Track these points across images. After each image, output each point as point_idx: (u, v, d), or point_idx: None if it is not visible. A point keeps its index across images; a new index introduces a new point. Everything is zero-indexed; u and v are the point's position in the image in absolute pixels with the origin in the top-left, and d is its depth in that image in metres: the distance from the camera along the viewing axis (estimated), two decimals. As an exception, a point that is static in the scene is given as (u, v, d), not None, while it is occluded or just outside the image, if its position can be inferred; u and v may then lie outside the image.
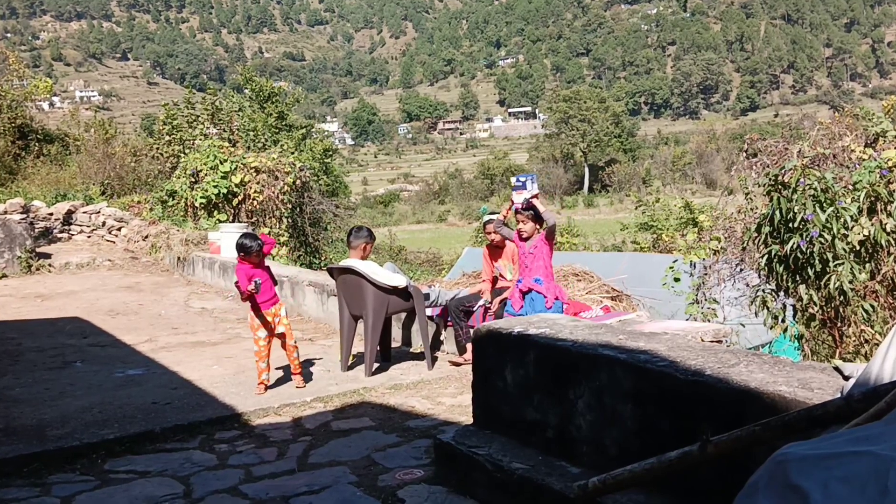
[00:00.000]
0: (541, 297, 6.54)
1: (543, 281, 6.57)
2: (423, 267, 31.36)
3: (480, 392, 4.72)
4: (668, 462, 2.88)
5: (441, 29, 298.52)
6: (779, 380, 3.15)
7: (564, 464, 3.99)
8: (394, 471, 4.89)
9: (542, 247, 6.64)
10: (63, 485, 4.97)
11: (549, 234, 6.64)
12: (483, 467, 4.23)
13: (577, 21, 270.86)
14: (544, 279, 6.59)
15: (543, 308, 6.43)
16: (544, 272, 6.61)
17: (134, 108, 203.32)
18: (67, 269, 15.22)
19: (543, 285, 6.56)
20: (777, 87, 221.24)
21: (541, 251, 6.63)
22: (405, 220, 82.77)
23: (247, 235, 6.69)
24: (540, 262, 6.62)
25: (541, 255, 6.62)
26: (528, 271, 6.64)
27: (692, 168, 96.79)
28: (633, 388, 3.61)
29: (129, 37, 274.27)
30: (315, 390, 6.72)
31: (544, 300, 6.51)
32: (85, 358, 8.28)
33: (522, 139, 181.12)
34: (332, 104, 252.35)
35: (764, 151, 9.13)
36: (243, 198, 16.73)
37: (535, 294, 6.57)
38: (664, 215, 26.96)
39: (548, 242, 6.67)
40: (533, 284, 6.59)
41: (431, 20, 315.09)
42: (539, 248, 6.63)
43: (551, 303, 6.51)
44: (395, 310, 7.46)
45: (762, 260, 7.45)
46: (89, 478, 5.06)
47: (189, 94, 24.99)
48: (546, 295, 6.53)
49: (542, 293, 6.54)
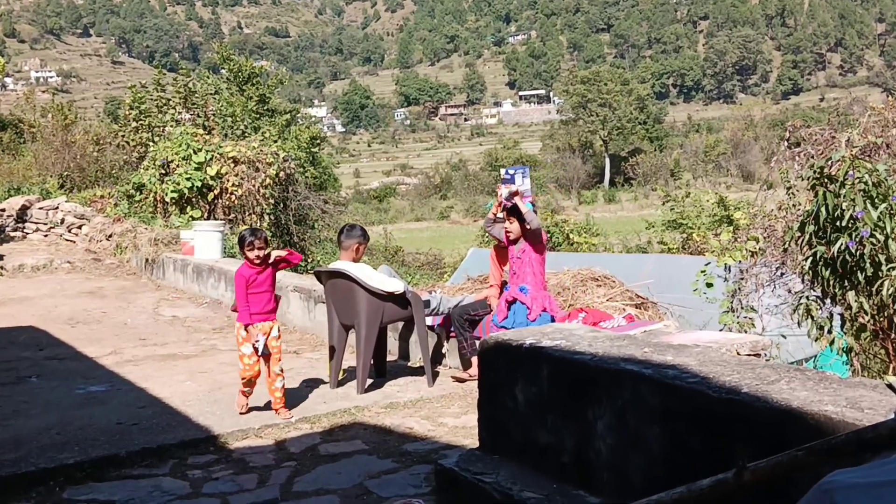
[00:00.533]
0: (524, 308, 6.55)
1: (530, 290, 6.59)
2: (422, 270, 31.41)
3: (487, 411, 4.72)
4: (699, 491, 2.88)
5: (443, 1, 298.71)
6: (824, 398, 3.15)
7: (582, 493, 3.99)
8: (390, 500, 4.90)
9: (530, 251, 6.68)
10: (16, 515, 4.98)
11: (534, 238, 6.64)
12: (490, 496, 4.23)
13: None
14: (531, 288, 6.61)
15: (525, 320, 6.46)
16: (532, 280, 6.63)
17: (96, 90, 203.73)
18: (21, 272, 15.24)
19: (529, 295, 6.57)
20: (823, 68, 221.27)
21: (529, 256, 6.67)
22: (402, 217, 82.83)
23: (249, 229, 6.68)
24: (528, 268, 6.65)
25: (529, 261, 6.66)
26: (516, 278, 6.71)
27: (727, 159, 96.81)
28: (660, 407, 3.61)
29: (90, 10, 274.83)
30: (300, 410, 6.72)
31: (527, 312, 6.53)
32: (41, 372, 8.29)
33: (535, 126, 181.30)
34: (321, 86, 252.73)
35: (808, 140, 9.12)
36: (220, 192, 16.76)
37: (518, 304, 6.60)
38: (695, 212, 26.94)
39: (538, 246, 6.69)
40: (518, 293, 6.62)
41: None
42: (527, 253, 6.68)
43: (535, 314, 6.51)
44: (391, 319, 7.47)
45: (806, 263, 7.45)
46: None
47: (159, 74, 25.02)
48: (530, 306, 6.53)
49: (525, 303, 6.55)
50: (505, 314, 6.69)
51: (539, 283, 6.68)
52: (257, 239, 6.45)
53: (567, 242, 28.45)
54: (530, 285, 6.62)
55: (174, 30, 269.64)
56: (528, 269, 6.64)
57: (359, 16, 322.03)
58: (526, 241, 6.69)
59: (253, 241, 6.43)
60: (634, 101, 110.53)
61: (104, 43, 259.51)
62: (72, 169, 22.43)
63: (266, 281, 6.48)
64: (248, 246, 6.44)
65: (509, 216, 6.76)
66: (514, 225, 6.70)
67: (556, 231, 28.91)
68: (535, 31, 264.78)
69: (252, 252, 6.41)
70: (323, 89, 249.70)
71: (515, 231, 6.69)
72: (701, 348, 4.20)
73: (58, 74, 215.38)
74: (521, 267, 6.68)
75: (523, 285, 6.63)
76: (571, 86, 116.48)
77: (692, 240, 24.78)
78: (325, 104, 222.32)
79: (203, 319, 11.24)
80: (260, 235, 6.48)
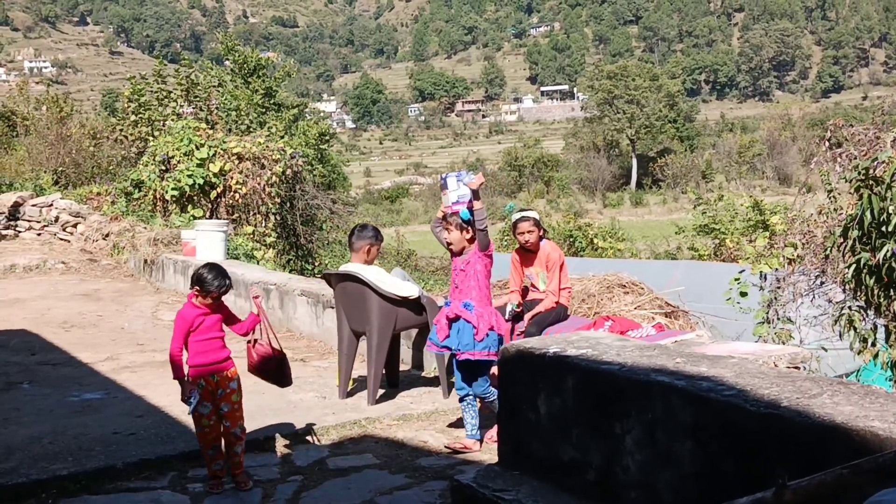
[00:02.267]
0: (469, 326, 6.19)
1: (475, 306, 6.23)
2: (436, 275, 31.40)
3: (507, 425, 4.71)
4: (735, 511, 2.87)
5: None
6: (870, 413, 3.13)
7: (608, 512, 3.98)
8: (402, 518, 4.90)
9: (475, 262, 6.32)
10: (7, 529, 5.01)
11: (482, 245, 6.29)
12: (510, 515, 4.23)
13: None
14: (476, 304, 6.24)
15: (471, 341, 6.15)
16: (478, 294, 6.27)
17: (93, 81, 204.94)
18: (13, 273, 15.32)
19: (474, 312, 6.21)
20: (866, 64, 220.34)
21: (474, 268, 6.30)
22: (415, 218, 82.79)
23: (213, 268, 5.53)
24: (473, 281, 6.29)
25: (474, 274, 6.30)
26: (458, 293, 6.33)
27: (762, 160, 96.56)
28: (694, 421, 3.59)
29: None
30: (308, 421, 6.73)
31: (472, 331, 6.18)
32: (34, 379, 8.33)
33: (557, 124, 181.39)
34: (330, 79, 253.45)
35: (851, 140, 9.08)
36: (223, 190, 16.81)
37: (462, 322, 6.23)
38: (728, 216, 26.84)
39: (484, 257, 6.34)
40: (461, 310, 6.23)
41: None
42: (472, 265, 6.31)
43: (482, 334, 6.17)
44: (404, 325, 7.47)
45: (849, 271, 7.41)
46: (38, 521, 5.09)
47: (159, 65, 25.14)
48: (476, 324, 6.17)
49: (470, 322, 6.19)
50: (446, 333, 6.27)
51: (485, 298, 6.32)
52: (223, 286, 5.47)
53: (591, 247, 28.41)
54: (475, 301, 6.23)
55: (176, 18, 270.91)
56: (473, 283, 6.26)
57: (371, 5, 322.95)
58: (475, 250, 6.32)
59: (218, 287, 5.44)
60: (664, 98, 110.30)
61: (102, 32, 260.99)
62: (67, 164, 22.55)
63: (216, 324, 5.54)
64: (208, 292, 5.43)
65: (449, 224, 6.41)
66: (455, 234, 6.33)
67: (580, 235, 28.89)
68: (559, 23, 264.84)
69: (207, 299, 5.46)
70: (332, 83, 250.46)
71: (457, 241, 6.32)
72: (737, 360, 4.19)
73: (53, 65, 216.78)
74: (464, 280, 6.29)
75: (468, 301, 6.23)
76: (597, 81, 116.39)
77: (725, 246, 24.72)
78: (335, 98, 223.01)
79: (204, 325, 11.27)
80: (227, 283, 5.48)
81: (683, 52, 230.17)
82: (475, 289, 6.26)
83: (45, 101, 27.37)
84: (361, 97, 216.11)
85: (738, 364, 4.01)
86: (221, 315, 5.61)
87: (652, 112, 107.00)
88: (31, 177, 21.25)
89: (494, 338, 6.22)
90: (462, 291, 6.29)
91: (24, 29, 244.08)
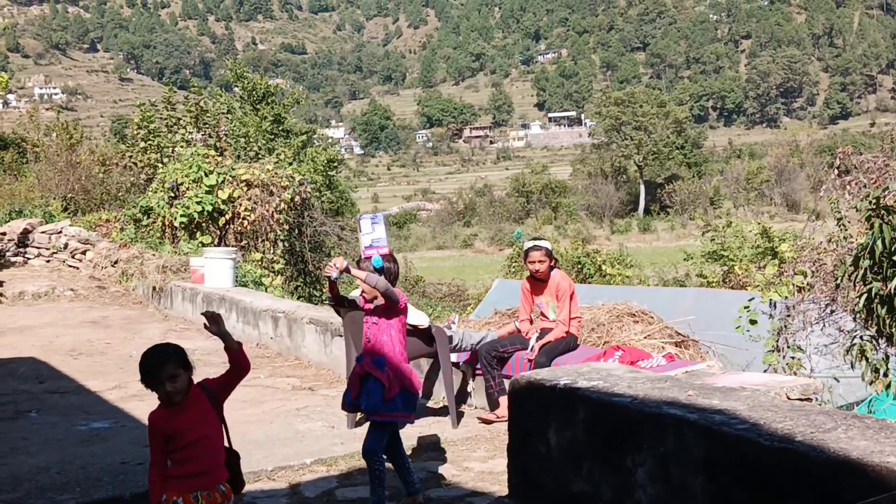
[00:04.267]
0: (378, 384, 5.53)
1: (387, 363, 5.60)
2: (444, 301, 31.37)
3: (518, 457, 4.69)
4: (750, 548, 2.84)
5: (469, 17, 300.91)
6: (886, 448, 3.11)
7: (620, 547, 3.95)
8: (411, 551, 4.86)
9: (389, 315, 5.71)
10: (14, 560, 4.98)
11: (390, 303, 5.63)
12: (521, 549, 4.20)
13: (633, 9, 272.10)
14: (389, 360, 5.63)
15: (380, 401, 5.50)
16: (391, 350, 5.66)
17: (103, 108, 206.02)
18: (22, 300, 15.35)
19: (386, 370, 5.57)
20: (874, 91, 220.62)
21: (385, 322, 5.68)
22: (423, 244, 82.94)
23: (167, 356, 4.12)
24: (385, 336, 5.67)
25: (387, 327, 5.68)
26: (371, 348, 5.71)
27: (770, 187, 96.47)
28: (706, 455, 3.57)
29: (98, 24, 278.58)
30: (316, 451, 6.70)
31: (382, 389, 5.52)
32: (41, 407, 8.32)
33: (565, 150, 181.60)
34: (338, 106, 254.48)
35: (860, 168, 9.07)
36: (231, 217, 16.84)
37: (373, 381, 5.57)
38: (737, 243, 26.80)
39: (391, 311, 5.70)
40: (372, 367, 5.60)
41: (457, 7, 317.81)
42: (383, 319, 5.70)
43: (393, 393, 5.52)
44: (413, 355, 7.44)
45: (860, 300, 7.38)
46: (45, 552, 5.07)
47: (169, 92, 25.26)
48: (387, 383, 5.53)
49: (381, 380, 5.53)
50: (357, 391, 5.66)
51: (399, 354, 5.68)
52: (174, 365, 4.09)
53: (599, 274, 28.36)
54: (388, 356, 5.63)
55: (185, 45, 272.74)
56: (386, 338, 5.65)
57: (379, 32, 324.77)
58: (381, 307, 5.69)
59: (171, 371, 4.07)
60: (671, 125, 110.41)
61: (112, 59, 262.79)
62: (76, 191, 22.60)
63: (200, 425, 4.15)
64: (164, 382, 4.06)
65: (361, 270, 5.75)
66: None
67: (588, 262, 28.84)
68: (566, 50, 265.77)
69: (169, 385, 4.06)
70: (341, 109, 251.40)
71: (370, 289, 5.62)
72: (749, 392, 4.17)
73: (63, 91, 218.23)
74: (377, 334, 5.68)
75: (380, 357, 5.62)
76: (604, 107, 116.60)
77: (734, 273, 24.64)
78: (343, 125, 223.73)
79: (213, 352, 11.23)
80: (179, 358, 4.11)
81: (691, 79, 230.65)
82: (388, 343, 5.66)
83: (55, 127, 27.49)
84: (369, 123, 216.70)
85: (750, 397, 3.99)
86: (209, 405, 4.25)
87: (660, 138, 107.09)
88: (41, 203, 21.31)
89: (408, 398, 5.63)
90: (375, 346, 5.67)
91: (34, 56, 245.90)
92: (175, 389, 4.04)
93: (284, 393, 8.86)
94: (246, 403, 8.33)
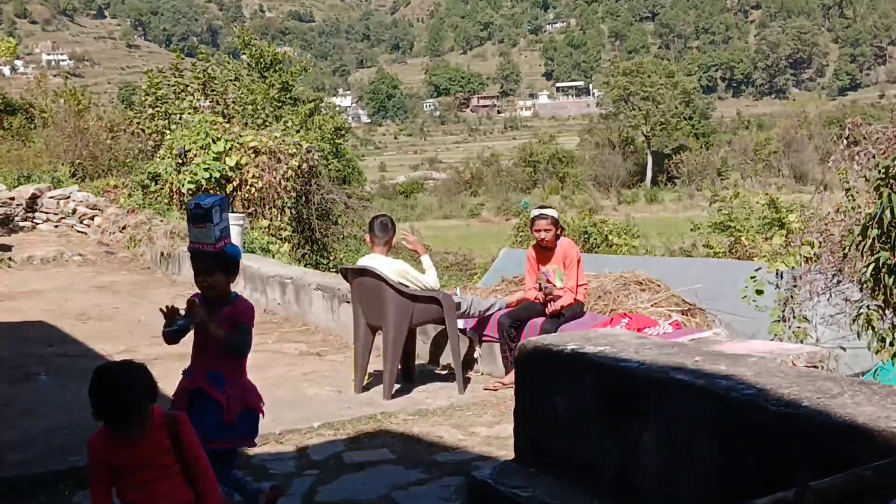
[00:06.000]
0: (215, 404, 4.51)
1: (226, 378, 4.59)
2: (451, 270, 31.43)
3: (525, 422, 4.70)
4: (756, 511, 2.85)
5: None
6: (892, 414, 3.11)
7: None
8: (418, 513, 4.90)
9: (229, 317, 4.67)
10: (25, 520, 5.03)
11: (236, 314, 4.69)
12: (527, 512, 4.21)
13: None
14: (228, 374, 4.62)
15: (217, 424, 4.46)
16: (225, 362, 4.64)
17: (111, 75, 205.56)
18: (31, 264, 15.38)
19: (225, 388, 4.56)
20: (883, 62, 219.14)
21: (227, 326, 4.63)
22: (430, 214, 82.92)
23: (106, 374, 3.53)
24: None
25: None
26: (204, 358, 4.64)
27: (778, 158, 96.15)
28: (713, 420, 3.58)
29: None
30: (323, 415, 6.74)
31: (220, 411, 4.51)
32: (51, 370, 8.36)
33: (573, 120, 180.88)
34: (346, 74, 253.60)
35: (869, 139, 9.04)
36: (239, 184, 16.82)
37: (206, 399, 4.54)
38: (744, 214, 26.79)
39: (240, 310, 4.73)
40: (205, 382, 4.56)
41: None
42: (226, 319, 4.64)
43: (233, 415, 4.53)
44: (420, 321, 7.46)
45: (867, 270, 7.38)
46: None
47: (176, 59, 25.18)
48: (225, 403, 4.52)
49: (219, 399, 4.52)
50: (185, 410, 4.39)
51: (241, 365, 4.72)
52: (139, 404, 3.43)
53: (606, 244, 28.37)
54: (226, 370, 4.61)
55: (193, 12, 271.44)
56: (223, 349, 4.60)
57: (387, 0, 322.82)
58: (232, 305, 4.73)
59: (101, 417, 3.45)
60: (680, 95, 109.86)
61: (119, 25, 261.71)
62: (84, 157, 22.60)
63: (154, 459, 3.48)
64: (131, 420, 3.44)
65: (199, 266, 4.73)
66: (220, 276, 4.70)
67: (595, 232, 28.85)
68: (575, 19, 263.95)
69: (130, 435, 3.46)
70: (348, 77, 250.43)
71: (219, 285, 4.72)
72: (756, 358, 4.17)
73: (70, 58, 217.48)
74: (215, 344, 4.58)
75: (215, 371, 4.57)
76: (612, 78, 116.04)
77: (740, 244, 24.64)
78: (351, 93, 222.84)
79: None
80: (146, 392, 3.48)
81: (700, 49, 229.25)
82: (223, 354, 4.62)
83: (63, 93, 27.45)
84: (377, 92, 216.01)
85: (757, 363, 3.99)
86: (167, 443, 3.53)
87: (667, 109, 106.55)
88: (49, 169, 21.31)
89: (252, 416, 4.71)
90: (209, 356, 4.61)
91: (42, 22, 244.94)
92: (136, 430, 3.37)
93: (292, 358, 8.89)
94: (254, 368, 8.26)
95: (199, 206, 4.66)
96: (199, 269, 4.69)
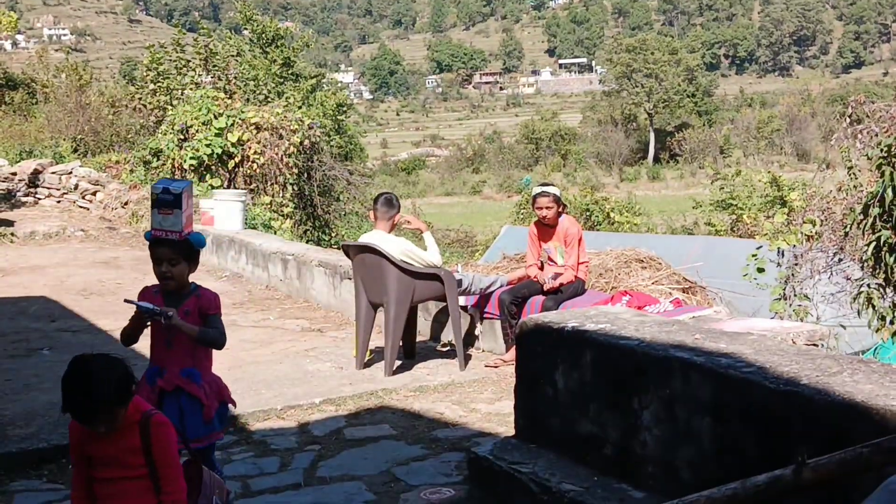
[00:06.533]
0: (194, 402, 4.30)
1: (201, 374, 4.39)
2: (452, 247, 31.44)
3: (525, 399, 4.72)
4: (754, 488, 2.86)
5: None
6: (891, 392, 3.12)
7: (625, 486, 4.00)
8: (418, 489, 4.92)
9: (195, 310, 4.39)
10: (27, 493, 5.07)
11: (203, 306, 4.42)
12: (526, 488, 4.24)
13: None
14: (203, 369, 4.43)
15: (200, 423, 4.28)
16: (203, 356, 4.45)
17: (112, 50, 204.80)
18: (33, 240, 15.40)
19: (202, 384, 4.36)
20: (888, 40, 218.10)
21: (195, 320, 4.35)
22: (432, 191, 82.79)
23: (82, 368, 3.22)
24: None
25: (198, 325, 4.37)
26: (171, 354, 4.34)
27: (781, 136, 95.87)
28: (713, 398, 3.59)
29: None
30: (325, 391, 6.76)
31: (201, 409, 4.31)
32: (53, 345, 8.39)
33: (575, 97, 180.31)
34: (348, 50, 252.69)
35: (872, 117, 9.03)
36: (241, 160, 16.83)
37: (186, 399, 4.29)
38: (746, 192, 26.79)
39: (206, 301, 4.46)
40: (181, 380, 4.31)
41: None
42: (193, 315, 4.36)
43: (212, 413, 4.35)
44: (422, 298, 7.47)
45: (868, 248, 7.38)
46: (58, 486, 5.15)
47: (178, 34, 25.11)
48: (205, 400, 4.33)
49: (199, 396, 4.31)
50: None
51: (209, 358, 4.51)
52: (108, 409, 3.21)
53: (608, 221, 28.35)
54: (200, 366, 4.41)
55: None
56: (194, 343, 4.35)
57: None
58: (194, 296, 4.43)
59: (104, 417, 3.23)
60: (683, 73, 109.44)
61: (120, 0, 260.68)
62: (86, 132, 22.62)
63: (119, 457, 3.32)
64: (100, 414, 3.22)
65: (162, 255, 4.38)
66: (182, 266, 4.41)
67: (597, 209, 28.83)
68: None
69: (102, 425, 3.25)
70: (350, 53, 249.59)
71: (181, 276, 4.40)
72: (756, 336, 4.18)
73: (71, 32, 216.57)
74: (180, 336, 4.29)
75: (190, 368, 4.34)
76: (615, 54, 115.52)
77: (742, 221, 24.65)
78: (353, 69, 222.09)
79: (222, 293, 11.23)
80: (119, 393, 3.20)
81: (703, 26, 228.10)
82: (194, 349, 4.38)
83: (65, 68, 27.42)
84: (379, 68, 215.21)
85: (756, 341, 4.01)
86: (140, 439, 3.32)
87: (670, 86, 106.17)
88: (51, 144, 21.33)
89: (224, 409, 4.56)
90: (178, 352, 4.34)
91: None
92: (106, 427, 3.23)
93: (293, 334, 8.91)
94: (255, 344, 8.39)
95: (167, 191, 4.32)
96: (162, 258, 4.34)
